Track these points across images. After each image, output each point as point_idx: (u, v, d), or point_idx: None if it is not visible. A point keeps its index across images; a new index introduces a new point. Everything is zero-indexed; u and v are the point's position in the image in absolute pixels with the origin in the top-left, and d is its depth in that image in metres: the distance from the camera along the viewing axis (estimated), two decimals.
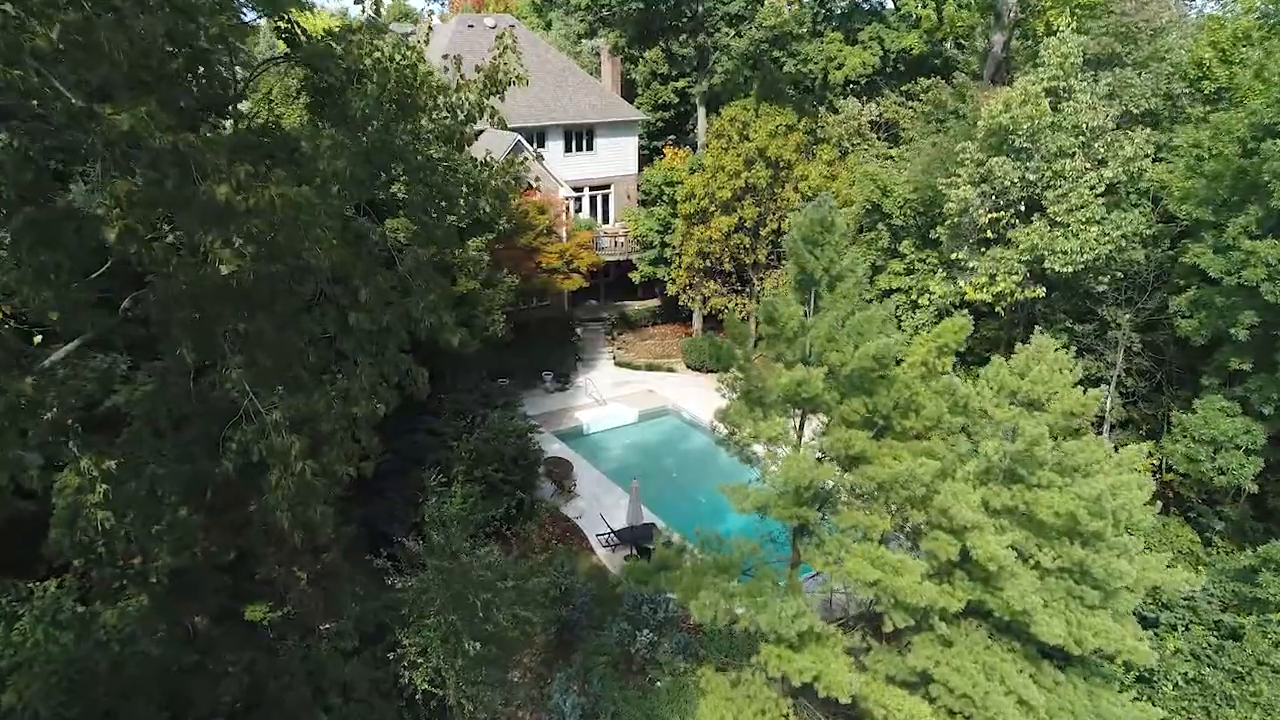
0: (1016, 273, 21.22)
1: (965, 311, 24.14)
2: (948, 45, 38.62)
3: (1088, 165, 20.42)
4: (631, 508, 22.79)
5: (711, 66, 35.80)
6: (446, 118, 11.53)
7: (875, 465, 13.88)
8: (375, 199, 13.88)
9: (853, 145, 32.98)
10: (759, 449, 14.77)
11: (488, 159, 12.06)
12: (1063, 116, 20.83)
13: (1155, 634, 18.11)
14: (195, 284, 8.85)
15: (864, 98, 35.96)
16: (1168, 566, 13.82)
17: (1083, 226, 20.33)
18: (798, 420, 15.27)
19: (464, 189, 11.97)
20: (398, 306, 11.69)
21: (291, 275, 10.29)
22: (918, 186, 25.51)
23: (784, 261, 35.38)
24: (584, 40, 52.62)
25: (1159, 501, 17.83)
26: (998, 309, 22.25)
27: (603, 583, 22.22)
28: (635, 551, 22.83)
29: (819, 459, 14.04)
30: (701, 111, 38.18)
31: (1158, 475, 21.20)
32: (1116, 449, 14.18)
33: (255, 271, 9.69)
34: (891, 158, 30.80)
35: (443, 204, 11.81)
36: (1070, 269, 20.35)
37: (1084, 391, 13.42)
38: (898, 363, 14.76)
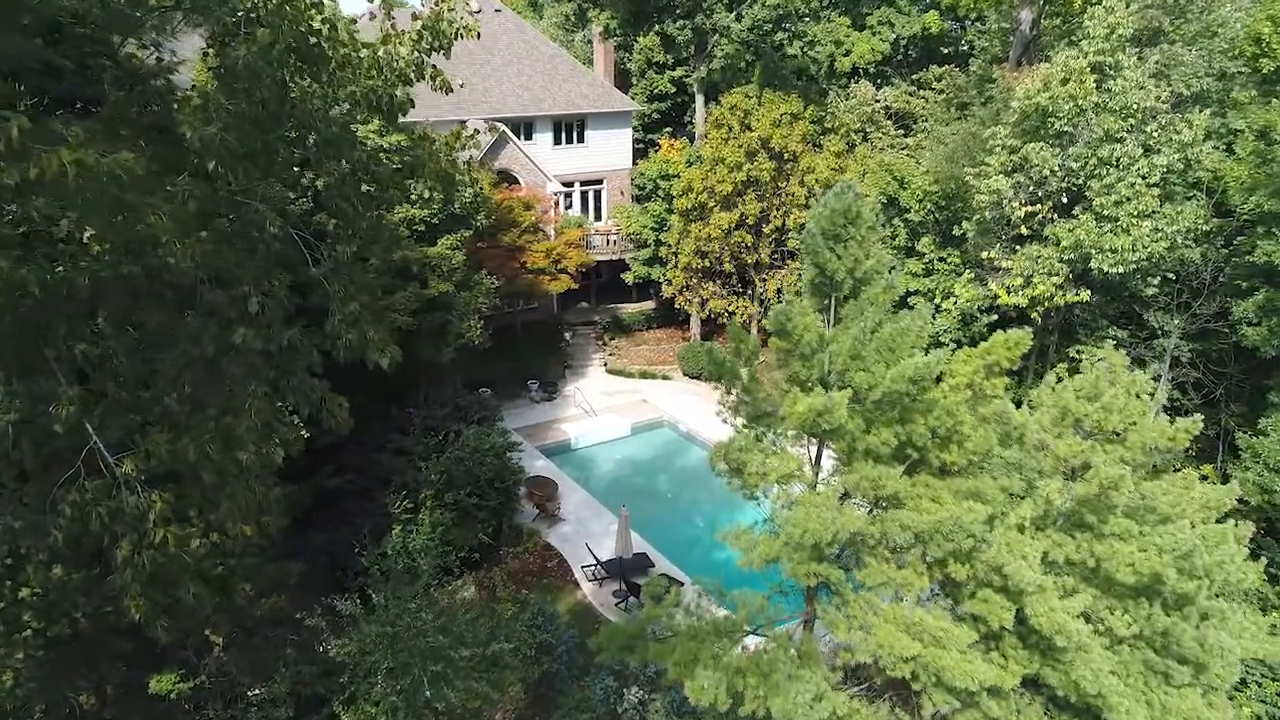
0: (1057, 273, 18.69)
1: (994, 316, 21.72)
2: (966, 29, 36.11)
3: (1140, 151, 17.90)
4: (620, 538, 20.29)
5: (710, 50, 33.27)
6: (372, 78, 9.01)
7: (911, 510, 11.39)
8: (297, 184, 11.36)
9: (866, 133, 30.41)
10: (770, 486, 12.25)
11: (428, 131, 9.54)
12: (1109, 96, 18.31)
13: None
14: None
15: (878, 84, 33.43)
16: (1271, 632, 11.32)
17: (1134, 221, 17.82)
18: (814, 449, 12.77)
19: (398, 169, 9.45)
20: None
21: (153, 280, 7.80)
22: (939, 178, 22.99)
23: (789, 262, 32.92)
24: (577, 32, 50.16)
25: None
26: (1033, 315, 19.72)
27: (588, 623, 19.73)
28: (624, 587, 20.33)
29: (842, 498, 11.53)
30: (700, 100, 35.67)
31: None
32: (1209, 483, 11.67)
33: (96, 274, 7.24)
34: (908, 147, 28.25)
35: (369, 188, 9.29)
36: (1120, 269, 17.84)
37: (1170, 422, 10.92)
38: (937, 381, 12.27)
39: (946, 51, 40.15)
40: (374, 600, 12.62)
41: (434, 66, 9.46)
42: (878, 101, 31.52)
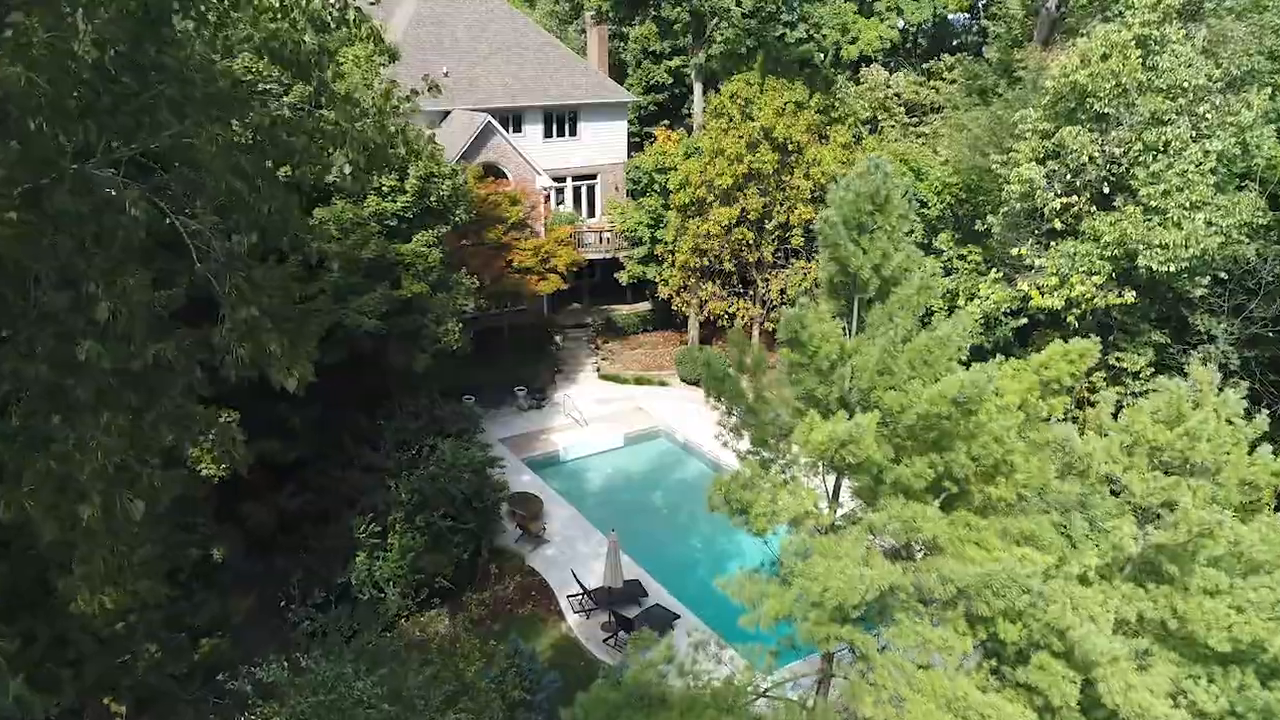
0: (1098, 272, 16.69)
1: (1023, 320, 19.68)
2: (980, 13, 34.15)
3: (1192, 134, 15.92)
4: (609, 567, 18.29)
5: (709, 36, 31.29)
6: (276, 20, 7.05)
7: (952, 557, 9.42)
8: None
9: (876, 123, 28.40)
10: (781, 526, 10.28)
11: (350, 92, 7.54)
12: (1155, 74, 16.34)
13: None
14: None
15: (891, 71, 31.44)
16: None
17: (1184, 213, 15.84)
18: (831, 480, 10.80)
19: (311, 137, 7.46)
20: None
21: None
22: (959, 168, 21.02)
23: (793, 260, 30.90)
24: (569, 25, 48.17)
25: None
26: (1068, 318, 17.71)
27: (573, 661, 17.76)
28: (613, 619, 18.34)
29: (869, 546, 9.55)
30: (698, 89, 33.68)
31: None
32: None
33: None
34: (924, 135, 26.25)
35: (273, 162, 7.32)
36: (1171, 267, 15.85)
37: (1274, 454, 8.95)
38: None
39: (957, 41, 38.30)
40: (303, 662, 10.59)
41: (358, 10, 7.51)
42: (890, 87, 29.48)
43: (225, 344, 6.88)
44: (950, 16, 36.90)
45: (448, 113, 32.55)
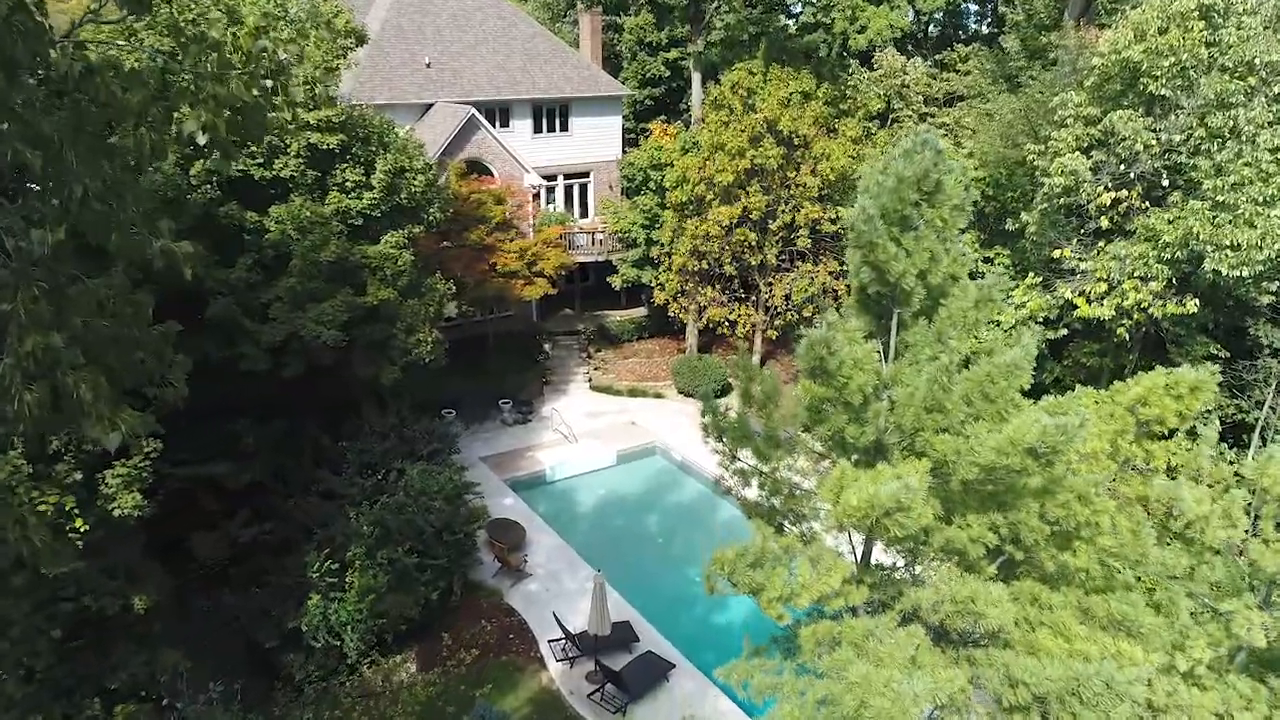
0: (1156, 276, 14.54)
1: (1062, 330, 17.54)
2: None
3: (1269, 118, 13.81)
4: (595, 609, 16.10)
5: (709, 22, 29.17)
6: None
7: (1020, 648, 7.28)
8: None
9: (889, 113, 26.25)
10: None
11: (205, 31, 5.39)
12: (1219, 50, 14.22)
13: None
14: None
15: (909, 56, 29.29)
16: None
17: (1257, 209, 13.71)
18: (861, 541, 8.66)
19: (153, 93, 5.33)
20: None
21: None
22: (985, 161, 18.88)
23: (799, 264, 28.80)
24: (562, 21, 46.11)
25: None
26: (1117, 329, 15.56)
27: (553, 717, 15.61)
28: (599, 670, 16.18)
29: (920, 634, 7.39)
30: (697, 80, 31.57)
31: None
32: None
33: None
34: (947, 125, 24.11)
35: (95, 127, 5.19)
36: (1244, 271, 13.72)
37: None
38: None
39: (969, 33, 36.29)
40: None
41: None
42: (906, 74, 27.32)
43: (5, 385, 4.75)
44: (963, 5, 34.87)
45: (430, 105, 30.48)
